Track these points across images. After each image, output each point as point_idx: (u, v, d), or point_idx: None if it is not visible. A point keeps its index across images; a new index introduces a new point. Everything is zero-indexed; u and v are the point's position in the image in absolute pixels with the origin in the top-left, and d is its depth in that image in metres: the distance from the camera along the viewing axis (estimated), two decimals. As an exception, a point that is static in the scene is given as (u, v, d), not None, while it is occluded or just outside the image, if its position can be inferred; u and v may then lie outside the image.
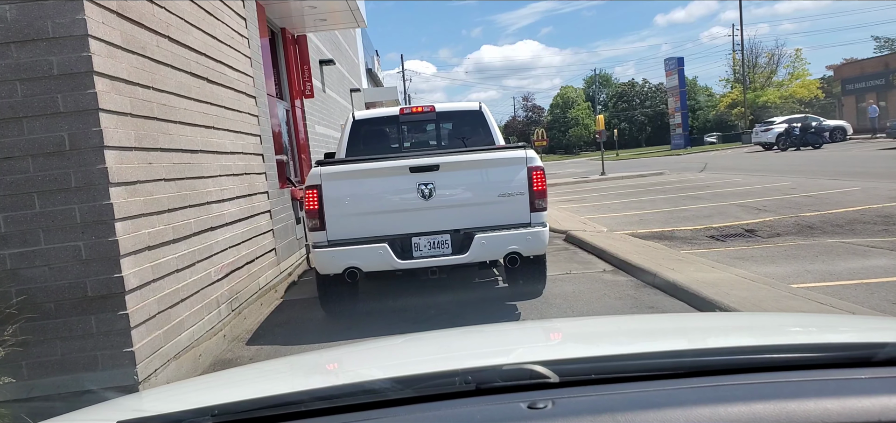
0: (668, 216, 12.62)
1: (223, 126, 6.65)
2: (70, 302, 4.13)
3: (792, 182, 16.28)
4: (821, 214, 10.90)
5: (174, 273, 5.02)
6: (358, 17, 12.41)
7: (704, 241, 9.75)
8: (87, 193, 4.11)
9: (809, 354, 1.32)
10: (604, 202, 16.66)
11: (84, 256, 4.14)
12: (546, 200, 6.00)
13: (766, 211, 11.79)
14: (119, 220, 4.21)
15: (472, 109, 7.92)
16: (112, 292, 4.17)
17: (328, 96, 16.01)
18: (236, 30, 7.53)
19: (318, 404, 1.20)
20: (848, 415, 1.01)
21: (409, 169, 5.87)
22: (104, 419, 1.30)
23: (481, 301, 7.05)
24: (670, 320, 2.69)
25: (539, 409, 1.07)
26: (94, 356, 4.15)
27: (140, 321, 4.35)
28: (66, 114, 4.05)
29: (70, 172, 4.09)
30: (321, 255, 5.93)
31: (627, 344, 1.77)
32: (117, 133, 4.31)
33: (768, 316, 3.25)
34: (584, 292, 6.95)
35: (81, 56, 4.02)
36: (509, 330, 2.45)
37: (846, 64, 52.96)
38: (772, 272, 7.05)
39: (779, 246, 8.68)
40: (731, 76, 65.41)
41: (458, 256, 5.93)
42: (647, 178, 24.30)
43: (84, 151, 4.09)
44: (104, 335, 4.16)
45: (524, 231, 5.93)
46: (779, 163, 25.17)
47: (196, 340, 5.31)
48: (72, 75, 4.03)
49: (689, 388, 1.14)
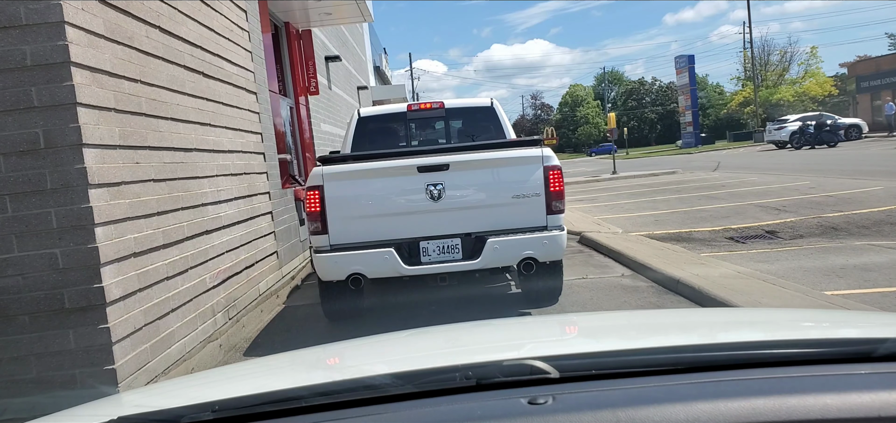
0: (684, 217, 12.23)
1: (221, 123, 6.29)
2: (46, 315, 3.76)
3: (810, 181, 15.85)
4: (844, 214, 10.49)
5: (164, 281, 4.66)
6: (364, 12, 12.04)
7: (724, 243, 9.36)
8: (64, 195, 3.74)
9: (810, 349, 1.32)
10: (617, 202, 16.27)
11: (61, 264, 3.76)
12: (563, 202, 5.61)
13: (787, 211, 11.38)
14: (100, 224, 3.84)
15: (483, 106, 7.53)
16: (92, 303, 3.80)
17: (334, 94, 15.66)
18: (235, 22, 7.17)
19: (318, 399, 1.19)
20: (848, 411, 1.01)
21: (416, 169, 5.50)
22: (105, 414, 1.25)
23: (492, 308, 6.67)
24: (671, 316, 2.70)
25: (539, 405, 1.07)
26: (72, 374, 3.77)
27: (123, 335, 3.99)
28: (41, 108, 3.68)
29: (45, 172, 3.72)
30: (323, 260, 5.57)
31: (628, 340, 1.77)
32: (99, 130, 3.94)
33: (769, 312, 3.32)
34: (602, 299, 6.55)
35: (57, 45, 3.65)
36: (510, 326, 2.39)
37: (860, 61, 52.28)
38: (801, 278, 6.66)
39: (804, 249, 8.28)
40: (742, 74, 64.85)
41: (470, 261, 5.55)
42: (660, 177, 24.00)
43: (60, 149, 3.72)
44: (83, 351, 3.79)
45: (540, 235, 5.54)
46: (794, 161, 24.71)
47: (188, 352, 4.95)
48: (47, 66, 3.65)
49: (690, 383, 1.13)
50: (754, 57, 57.93)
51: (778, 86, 56.74)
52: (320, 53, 13.49)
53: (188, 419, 1.18)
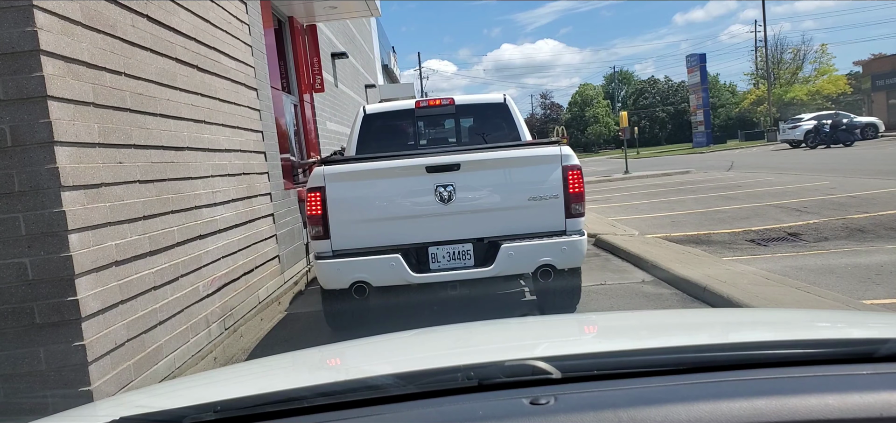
0: (701, 218, 11.80)
1: (217, 121, 5.92)
2: (14, 332, 3.38)
3: (830, 181, 15.39)
4: (870, 215, 10.05)
5: (151, 291, 4.28)
6: (371, 5, 11.66)
7: (746, 245, 8.93)
8: (33, 198, 3.36)
9: (812, 350, 1.31)
10: (631, 203, 15.85)
11: (30, 275, 3.38)
12: (584, 205, 5.20)
13: (809, 212, 10.94)
14: (75, 231, 3.47)
15: (495, 102, 7.12)
16: (65, 318, 3.42)
17: (341, 91, 15.29)
18: (234, 14, 6.80)
19: (320, 399, 1.18)
20: (849, 411, 1.00)
21: (425, 169, 5.12)
22: (107, 414, 1.23)
23: (503, 315, 6.26)
24: (673, 317, 2.70)
25: (541, 405, 1.06)
26: (43, 399, 3.40)
27: (102, 353, 3.61)
28: (7, 102, 3.30)
29: (12, 173, 3.34)
30: (325, 267, 5.19)
31: (630, 340, 1.76)
32: (74, 126, 3.56)
33: (772, 312, 3.32)
34: (623, 308, 6.14)
35: (24, 32, 3.27)
36: (513, 326, 2.34)
37: (876, 59, 51.57)
38: (834, 284, 6.23)
39: (831, 252, 7.84)
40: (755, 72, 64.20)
41: (482, 268, 5.16)
42: (673, 176, 23.59)
43: (29, 147, 3.34)
44: (55, 372, 3.41)
45: (558, 240, 5.14)
46: (810, 161, 24.22)
47: (178, 367, 4.58)
48: (13, 55, 3.27)
49: (691, 384, 1.12)
50: (768, 55, 57.26)
51: (792, 85, 56.10)
52: (326, 50, 13.11)
53: (190, 419, 1.16)
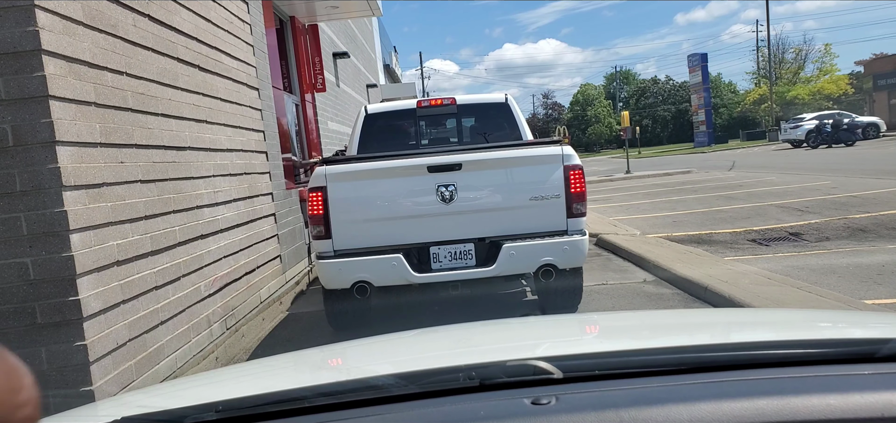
0: (702, 218, 11.79)
1: (218, 120, 5.92)
2: (15, 332, 3.38)
3: (831, 181, 15.37)
4: (872, 215, 10.04)
5: (152, 291, 4.28)
6: (373, 5, 11.65)
7: (747, 245, 8.92)
8: (34, 198, 3.36)
9: (813, 350, 1.30)
10: (632, 202, 15.83)
11: (32, 275, 3.38)
12: (585, 205, 5.20)
13: (810, 212, 10.93)
14: (76, 231, 3.47)
15: (497, 102, 7.11)
16: (66, 318, 3.42)
17: (342, 91, 15.28)
18: (236, 14, 6.80)
19: (321, 399, 1.18)
20: (850, 411, 1.00)
21: (427, 168, 5.12)
22: (108, 414, 1.22)
23: (504, 315, 6.26)
24: (675, 317, 2.70)
25: (543, 405, 1.06)
26: (46, 399, 3.40)
27: (103, 353, 3.61)
28: (9, 102, 3.30)
29: (14, 172, 3.34)
30: (326, 267, 5.20)
31: (631, 340, 1.76)
32: (75, 126, 3.56)
33: (773, 312, 3.31)
34: (625, 308, 6.13)
35: (26, 31, 3.27)
36: (514, 326, 2.34)
37: (877, 58, 51.54)
38: (835, 284, 6.22)
39: (832, 252, 7.83)
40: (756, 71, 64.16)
41: (484, 268, 5.16)
42: (674, 176, 23.58)
43: (31, 147, 3.34)
44: (57, 372, 3.41)
45: (560, 240, 5.14)
46: (812, 161, 24.19)
47: (180, 367, 4.58)
48: (15, 55, 3.27)
49: (693, 384, 1.12)
50: (771, 54, 57.23)
51: (794, 84, 56.08)
52: (328, 50, 13.10)
53: (192, 419, 1.16)
